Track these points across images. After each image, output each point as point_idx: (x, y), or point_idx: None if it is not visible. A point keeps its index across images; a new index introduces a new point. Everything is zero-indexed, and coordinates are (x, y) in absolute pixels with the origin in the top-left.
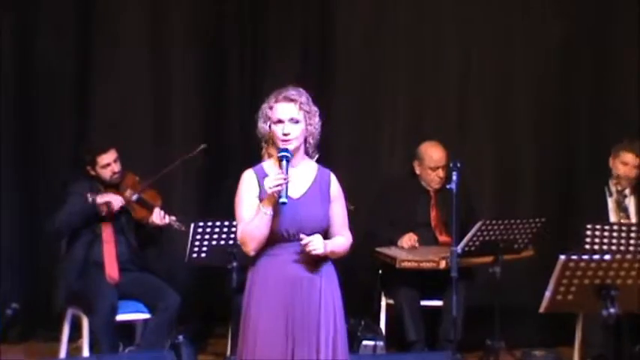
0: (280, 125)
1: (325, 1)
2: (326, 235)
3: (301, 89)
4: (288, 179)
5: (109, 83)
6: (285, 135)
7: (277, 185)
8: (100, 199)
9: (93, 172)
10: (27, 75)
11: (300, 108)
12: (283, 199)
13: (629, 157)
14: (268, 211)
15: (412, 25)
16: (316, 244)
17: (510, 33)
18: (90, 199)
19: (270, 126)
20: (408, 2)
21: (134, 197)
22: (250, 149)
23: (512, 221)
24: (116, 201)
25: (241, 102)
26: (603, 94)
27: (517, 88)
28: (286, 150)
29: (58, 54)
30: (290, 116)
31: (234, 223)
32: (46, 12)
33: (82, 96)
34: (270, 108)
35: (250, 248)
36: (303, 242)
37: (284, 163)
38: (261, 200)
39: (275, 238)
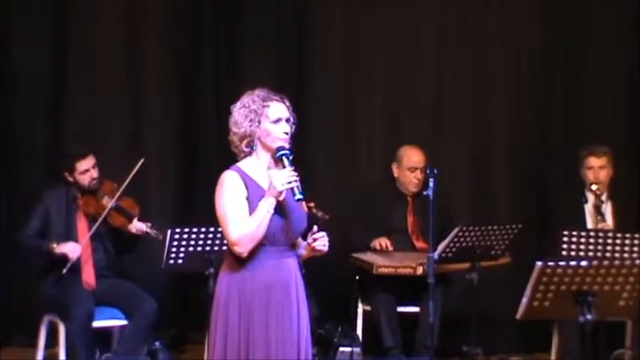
0: (280, 124)
1: (302, 2)
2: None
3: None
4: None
5: (82, 83)
6: (286, 134)
7: (290, 182)
8: (59, 249)
9: (71, 178)
10: (1, 75)
11: (289, 110)
12: (299, 195)
13: (591, 160)
14: (271, 209)
15: (389, 25)
16: (326, 240)
17: (488, 34)
18: (47, 247)
19: (264, 125)
20: (385, 2)
21: (112, 205)
22: (226, 151)
23: (490, 227)
24: (74, 252)
25: (217, 103)
26: (580, 96)
27: (494, 90)
28: (286, 147)
29: (33, 54)
30: (287, 116)
31: (211, 229)
32: (21, 13)
33: (56, 96)
34: (266, 107)
35: (247, 249)
36: (316, 235)
37: (286, 160)
38: (249, 200)
39: (261, 241)
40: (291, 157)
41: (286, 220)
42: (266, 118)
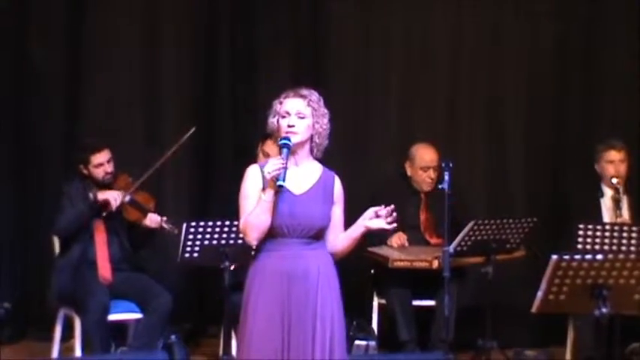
0: (286, 118)
1: (317, 2)
2: (322, 235)
3: (313, 90)
4: (286, 165)
5: (99, 83)
6: (289, 127)
7: (275, 170)
8: (101, 195)
9: (86, 172)
10: (18, 74)
11: (309, 105)
12: (280, 182)
13: (611, 154)
14: (267, 198)
15: (403, 24)
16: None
17: (501, 33)
18: (91, 196)
19: (278, 120)
20: (398, 2)
21: (127, 199)
22: (242, 149)
23: (504, 221)
24: (113, 200)
25: (233, 102)
26: (594, 94)
27: (508, 88)
28: (287, 139)
29: (49, 53)
30: (297, 110)
31: (227, 223)
32: (36, 11)
33: (73, 95)
34: (280, 103)
35: (251, 237)
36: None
37: (284, 150)
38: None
39: (274, 233)
40: (286, 149)
41: (301, 214)
42: (279, 114)
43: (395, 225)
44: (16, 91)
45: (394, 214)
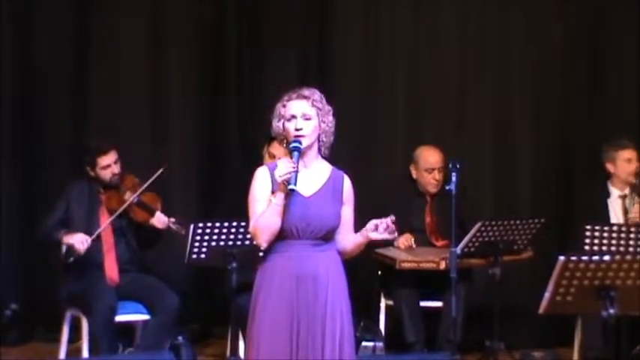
0: (293, 121)
1: (324, 2)
2: (332, 236)
3: (314, 89)
4: (297, 169)
5: (105, 82)
6: (297, 130)
7: (286, 173)
8: (66, 239)
9: (92, 173)
10: (25, 75)
11: (313, 105)
12: (292, 186)
13: (629, 153)
14: (278, 201)
15: (410, 25)
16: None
17: (509, 32)
18: (57, 236)
19: (283, 124)
20: (405, 2)
21: (134, 200)
22: (248, 150)
23: (512, 222)
24: (80, 244)
25: (239, 103)
26: (602, 94)
27: (516, 87)
28: (298, 142)
29: (55, 53)
30: (302, 112)
31: (234, 223)
32: (42, 11)
33: (79, 96)
34: (284, 106)
35: (261, 240)
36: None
37: (295, 154)
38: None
39: (284, 235)
40: (296, 152)
41: (311, 216)
42: (284, 117)
43: (396, 235)
44: (21, 91)
45: (392, 225)
